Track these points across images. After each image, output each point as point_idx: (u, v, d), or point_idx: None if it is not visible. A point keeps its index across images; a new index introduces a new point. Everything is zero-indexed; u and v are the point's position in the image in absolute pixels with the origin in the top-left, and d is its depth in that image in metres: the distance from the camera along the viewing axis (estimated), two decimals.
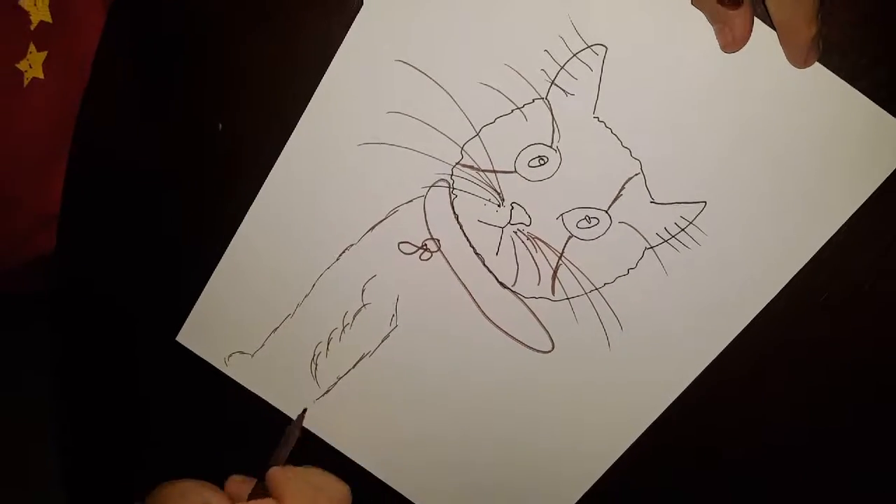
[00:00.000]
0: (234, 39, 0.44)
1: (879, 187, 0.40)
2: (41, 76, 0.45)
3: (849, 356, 0.46)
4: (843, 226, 0.41)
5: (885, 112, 0.38)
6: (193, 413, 0.55)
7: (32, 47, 0.45)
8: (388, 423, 0.52)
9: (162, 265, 0.51)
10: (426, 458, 0.52)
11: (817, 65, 0.38)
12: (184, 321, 0.51)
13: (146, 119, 0.48)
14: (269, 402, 0.52)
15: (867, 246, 0.42)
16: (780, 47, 0.37)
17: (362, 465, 0.53)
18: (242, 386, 0.52)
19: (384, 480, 0.54)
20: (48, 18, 0.44)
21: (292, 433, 0.50)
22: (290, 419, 0.52)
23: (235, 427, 0.54)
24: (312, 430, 0.53)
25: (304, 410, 0.52)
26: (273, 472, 0.46)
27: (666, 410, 0.47)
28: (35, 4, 0.43)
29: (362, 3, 0.41)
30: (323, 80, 0.43)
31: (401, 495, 0.53)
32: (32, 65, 0.45)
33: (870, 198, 0.40)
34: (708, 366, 0.46)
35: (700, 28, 0.38)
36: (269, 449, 0.50)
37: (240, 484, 0.48)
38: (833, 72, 0.38)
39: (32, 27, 0.44)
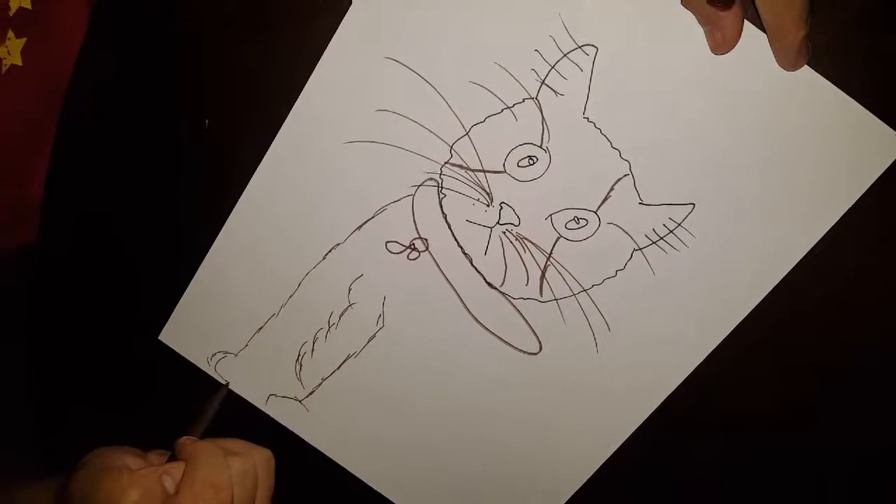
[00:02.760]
0: (221, 35, 0.44)
1: (868, 190, 0.40)
2: (20, 63, 0.45)
3: (838, 359, 0.46)
4: (832, 229, 0.41)
5: (873, 116, 0.38)
6: (176, 412, 0.54)
7: (11, 34, 0.44)
8: (373, 425, 0.51)
9: (145, 262, 0.50)
10: (412, 460, 0.52)
11: (806, 67, 0.38)
12: (167, 319, 0.51)
13: (132, 114, 0.47)
14: (252, 402, 0.52)
15: (856, 249, 0.42)
16: (769, 50, 0.37)
17: (347, 467, 0.53)
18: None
19: (369, 483, 0.53)
20: (27, 4, 0.44)
21: (210, 407, 0.49)
22: (273, 420, 0.52)
23: (220, 427, 0.53)
24: (296, 431, 0.52)
25: (227, 384, 0.51)
26: (182, 440, 0.45)
27: (653, 413, 0.47)
28: None
29: (351, 1, 0.40)
30: (312, 77, 0.42)
31: (386, 499, 0.53)
32: (11, 51, 0.44)
33: (859, 200, 0.40)
34: (695, 368, 0.46)
35: (690, 29, 0.38)
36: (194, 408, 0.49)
37: (159, 456, 0.47)
38: (822, 75, 0.38)
39: (11, 13, 0.43)
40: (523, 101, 0.41)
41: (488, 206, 0.44)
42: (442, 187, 0.44)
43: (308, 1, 0.42)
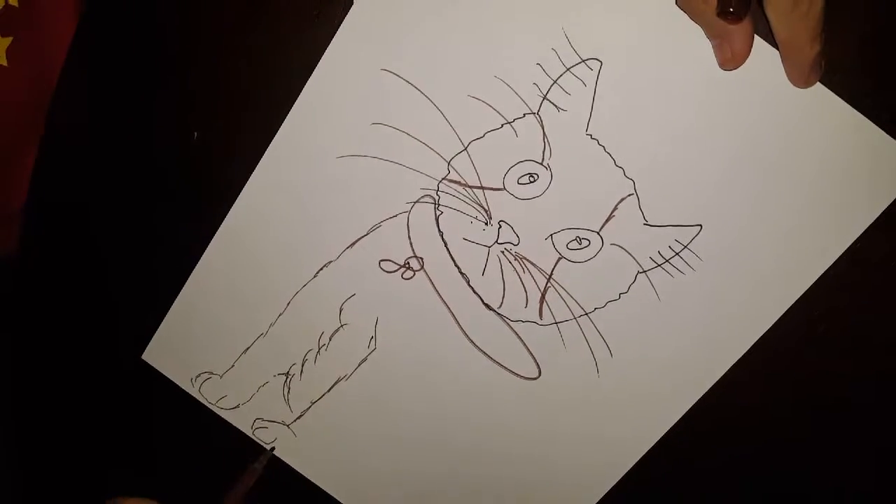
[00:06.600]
0: (213, 44, 0.43)
1: (882, 213, 0.38)
2: (4, 63, 0.43)
3: (848, 388, 0.44)
4: (844, 253, 0.40)
5: (887, 135, 0.37)
6: (159, 434, 0.52)
7: None
8: (363, 452, 0.49)
9: (130, 277, 0.49)
10: (404, 489, 0.50)
11: (819, 85, 0.36)
12: (151, 338, 0.49)
13: (120, 122, 0.46)
14: (237, 426, 0.50)
15: (868, 275, 0.41)
16: (780, 66, 0.36)
17: (335, 496, 0.51)
18: (209, 409, 0.50)
19: None
20: (14, 2, 0.42)
21: (253, 471, 0.47)
22: (256, 443, 0.50)
23: (201, 448, 0.51)
24: (283, 457, 0.50)
25: (272, 449, 0.49)
26: None
27: (657, 443, 0.45)
28: None
29: (350, 5, 0.39)
30: (305, 88, 0.41)
31: None
32: None
33: (871, 224, 0.39)
34: (700, 397, 0.44)
35: (698, 44, 0.37)
36: (232, 470, 0.47)
37: None
38: (835, 93, 0.37)
39: None
40: (524, 116, 0.40)
41: (487, 224, 0.42)
42: (439, 204, 0.42)
43: (302, 11, 0.41)
